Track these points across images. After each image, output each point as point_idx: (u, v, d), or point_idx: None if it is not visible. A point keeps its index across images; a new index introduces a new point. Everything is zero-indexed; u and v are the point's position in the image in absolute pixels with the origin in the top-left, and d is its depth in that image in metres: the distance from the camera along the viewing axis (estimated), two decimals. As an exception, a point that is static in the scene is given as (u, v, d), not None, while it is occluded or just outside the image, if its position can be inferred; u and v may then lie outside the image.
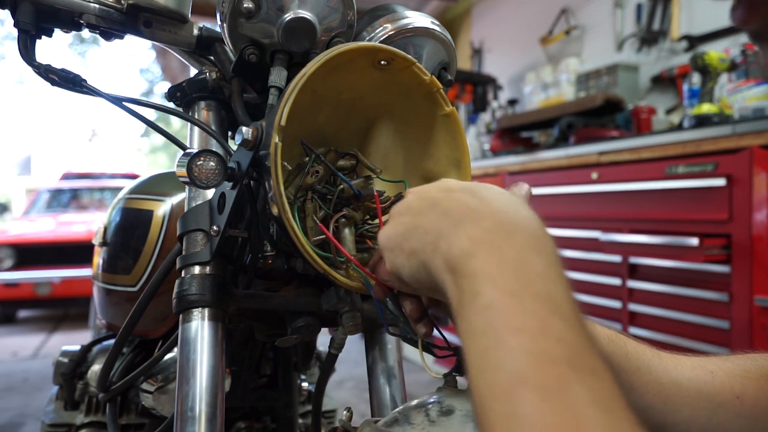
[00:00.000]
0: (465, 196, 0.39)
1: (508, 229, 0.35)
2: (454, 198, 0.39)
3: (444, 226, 0.37)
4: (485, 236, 0.35)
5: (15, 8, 0.59)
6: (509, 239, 0.34)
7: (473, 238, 0.35)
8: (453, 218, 0.37)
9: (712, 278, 1.88)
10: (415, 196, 0.43)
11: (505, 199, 0.39)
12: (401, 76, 0.55)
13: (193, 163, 0.52)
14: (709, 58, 2.04)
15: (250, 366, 0.91)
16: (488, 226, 0.35)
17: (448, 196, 0.40)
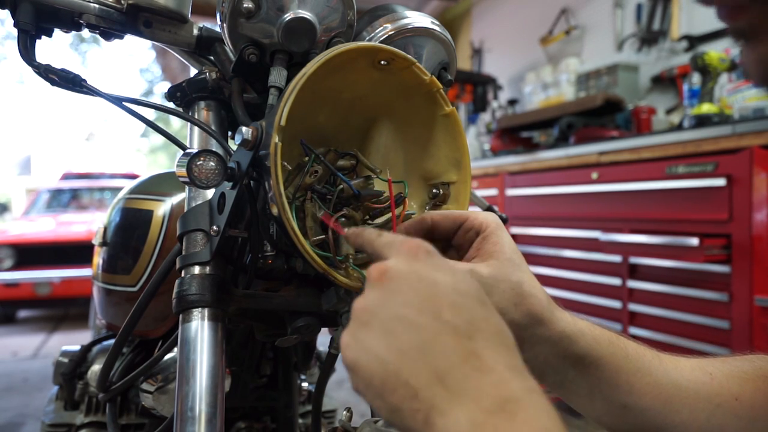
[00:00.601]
0: (458, 340, 0.33)
1: (512, 408, 0.30)
2: (445, 343, 0.33)
3: (438, 397, 0.32)
4: (487, 420, 0.30)
5: (15, 8, 0.59)
6: (513, 421, 0.30)
7: (474, 422, 0.30)
8: (448, 389, 0.32)
9: (712, 278, 1.88)
10: (390, 305, 0.35)
11: (499, 340, 0.34)
12: (401, 76, 0.55)
13: (193, 163, 0.52)
14: (709, 58, 2.04)
15: (250, 366, 0.91)
16: (488, 405, 0.31)
17: (436, 330, 0.33)
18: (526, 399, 0.31)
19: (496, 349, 0.33)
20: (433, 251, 0.38)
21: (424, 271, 0.36)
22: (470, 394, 0.31)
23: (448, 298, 0.34)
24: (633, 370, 0.52)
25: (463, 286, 0.36)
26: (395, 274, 0.36)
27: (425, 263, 0.37)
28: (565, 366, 0.51)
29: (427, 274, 0.36)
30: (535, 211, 2.61)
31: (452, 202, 0.59)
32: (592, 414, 0.55)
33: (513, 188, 2.75)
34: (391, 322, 0.34)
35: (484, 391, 0.31)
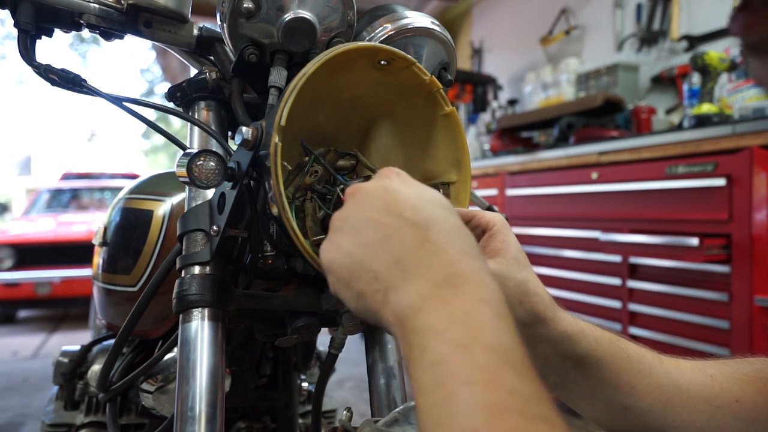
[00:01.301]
0: (415, 231, 0.37)
1: (457, 282, 0.34)
2: (404, 234, 0.37)
3: (395, 277, 0.36)
4: (434, 292, 0.34)
5: (15, 8, 0.59)
6: (457, 291, 0.34)
7: (422, 294, 0.34)
8: (403, 269, 0.36)
9: (712, 278, 1.88)
10: (359, 211, 0.40)
11: (454, 233, 0.38)
12: (401, 76, 0.55)
13: (193, 163, 0.52)
14: (709, 58, 2.04)
15: (250, 366, 0.91)
16: (437, 279, 0.34)
17: (396, 225, 0.38)
18: (471, 275, 0.35)
19: (451, 238, 0.37)
20: (405, 174, 0.43)
21: (392, 185, 0.41)
22: (422, 272, 0.35)
23: (410, 202, 0.39)
24: (634, 371, 0.52)
25: (426, 195, 0.40)
26: (366, 188, 0.41)
27: (394, 180, 0.41)
28: (566, 366, 0.51)
29: (395, 186, 0.40)
30: (535, 211, 2.61)
31: (452, 202, 0.59)
32: (592, 415, 0.55)
33: (513, 188, 2.75)
34: (359, 223, 0.39)
35: (434, 268, 0.35)
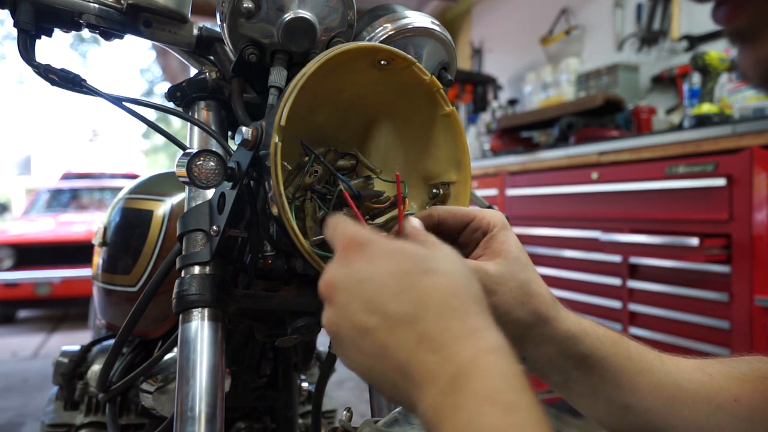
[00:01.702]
0: (408, 330, 0.35)
1: (461, 381, 0.33)
2: (398, 337, 0.35)
3: (410, 389, 0.35)
4: (444, 401, 0.33)
5: (15, 8, 0.59)
6: (464, 393, 0.32)
7: (436, 407, 0.33)
8: (412, 379, 0.35)
9: (712, 278, 1.88)
10: (344, 317, 0.38)
11: (448, 308, 0.36)
12: (401, 76, 0.55)
13: (192, 163, 0.52)
14: (709, 58, 2.04)
15: (250, 366, 0.91)
16: (444, 386, 0.33)
17: (387, 328, 0.36)
18: (473, 367, 0.33)
19: (445, 321, 0.35)
20: (366, 242, 0.39)
21: (361, 270, 0.38)
22: (428, 379, 0.34)
23: (390, 289, 0.36)
24: (636, 370, 0.52)
25: (401, 267, 0.37)
26: (338, 286, 0.38)
27: (360, 261, 0.38)
28: (569, 366, 0.51)
29: (364, 272, 0.37)
30: (535, 211, 2.61)
31: (452, 202, 0.59)
32: (594, 414, 0.55)
33: (513, 188, 2.75)
34: (351, 333, 0.37)
35: (437, 373, 0.33)
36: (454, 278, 0.37)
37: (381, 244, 0.39)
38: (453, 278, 0.37)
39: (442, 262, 0.38)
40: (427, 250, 0.39)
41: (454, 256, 0.39)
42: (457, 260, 0.39)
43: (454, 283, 0.36)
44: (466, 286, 0.37)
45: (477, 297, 0.37)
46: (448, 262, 0.38)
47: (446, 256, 0.39)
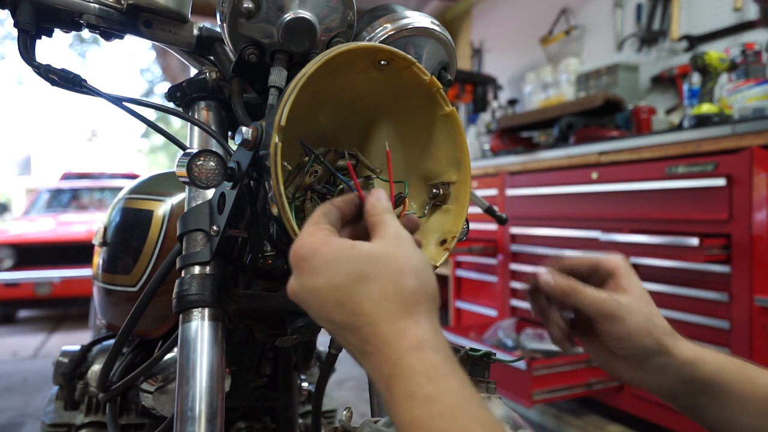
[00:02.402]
0: (353, 335, 0.41)
1: (392, 381, 0.38)
2: (347, 340, 0.42)
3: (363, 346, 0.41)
4: (386, 398, 0.39)
5: (15, 8, 0.59)
6: (394, 390, 0.38)
7: (383, 401, 0.40)
8: (363, 358, 0.41)
9: (712, 278, 1.88)
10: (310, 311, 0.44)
11: (383, 309, 0.40)
12: (401, 76, 0.55)
13: (193, 163, 0.52)
14: (709, 58, 2.04)
15: (250, 366, 0.91)
16: (383, 386, 0.39)
17: (337, 332, 0.42)
18: (399, 367, 0.38)
19: (377, 326, 0.39)
20: (308, 255, 0.43)
21: (306, 284, 0.42)
22: (374, 378, 0.39)
23: (331, 301, 0.41)
24: (762, 397, 0.54)
25: (338, 279, 0.41)
26: (297, 295, 0.44)
27: (305, 275, 0.42)
28: (695, 391, 0.56)
29: (309, 286, 0.42)
30: (535, 211, 2.61)
31: (452, 202, 0.59)
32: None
33: (513, 188, 2.75)
34: (317, 322, 0.44)
35: (377, 375, 0.39)
36: (384, 281, 0.40)
37: (321, 256, 0.42)
38: (384, 281, 0.40)
39: (376, 262, 0.41)
40: (364, 248, 0.42)
41: (392, 249, 0.42)
42: (393, 254, 0.42)
43: (384, 286, 0.40)
44: (397, 285, 0.40)
45: (407, 294, 0.40)
46: (381, 261, 0.41)
47: (382, 251, 0.42)
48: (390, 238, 0.43)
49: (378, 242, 0.43)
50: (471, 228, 0.64)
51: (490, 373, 0.63)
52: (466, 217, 0.59)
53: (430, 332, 0.39)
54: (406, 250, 0.42)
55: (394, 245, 0.42)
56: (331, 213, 0.46)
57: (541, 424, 2.46)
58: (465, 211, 0.58)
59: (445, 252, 0.57)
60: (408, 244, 0.43)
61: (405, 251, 0.42)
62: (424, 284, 0.41)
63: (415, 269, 0.41)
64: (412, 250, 0.43)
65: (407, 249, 0.43)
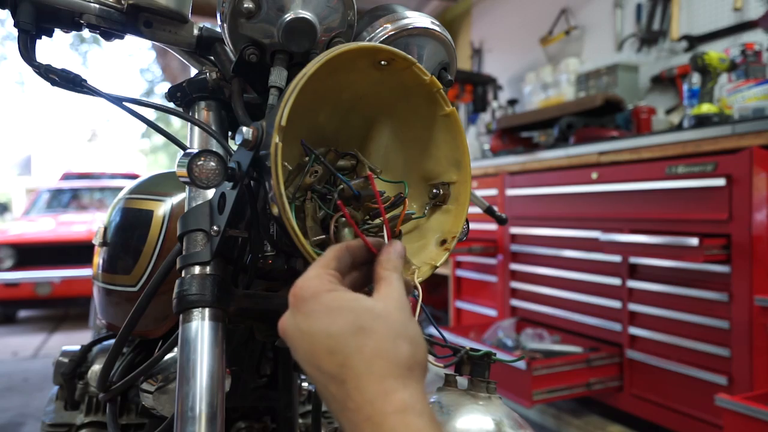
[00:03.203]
0: (337, 388, 0.40)
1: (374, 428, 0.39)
2: (330, 392, 0.41)
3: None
4: None
5: (15, 8, 0.59)
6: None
7: None
8: (343, 423, 0.40)
9: (712, 278, 1.88)
10: (297, 357, 0.43)
11: (369, 372, 0.40)
12: (401, 76, 0.55)
13: (193, 163, 0.52)
14: (709, 58, 2.05)
15: (250, 366, 0.91)
16: None
17: (323, 381, 0.41)
18: (383, 429, 0.37)
19: (365, 383, 0.39)
20: (309, 297, 0.42)
21: (300, 325, 0.42)
22: (348, 428, 0.39)
23: (323, 348, 0.40)
24: None
25: (334, 327, 0.40)
26: (288, 333, 0.43)
27: (304, 314, 0.42)
28: None
29: (303, 327, 0.42)
30: (535, 211, 2.61)
31: (452, 202, 0.59)
32: None
33: (513, 188, 2.75)
34: (303, 365, 0.43)
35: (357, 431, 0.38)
36: (380, 339, 0.40)
37: (323, 301, 0.42)
38: (380, 339, 0.40)
39: (376, 319, 0.41)
40: (366, 303, 0.42)
41: (394, 311, 0.42)
42: (394, 316, 0.42)
43: (379, 345, 0.40)
44: (393, 346, 0.40)
45: (400, 357, 0.40)
46: (381, 319, 0.41)
47: (383, 310, 0.42)
48: (393, 300, 0.43)
49: (381, 300, 0.43)
50: (471, 228, 0.64)
51: (490, 373, 0.63)
52: (466, 217, 0.59)
53: (417, 398, 0.39)
54: (407, 317, 0.43)
55: (396, 308, 0.42)
56: (343, 258, 0.46)
57: (541, 424, 2.46)
58: (465, 211, 0.58)
59: (445, 252, 0.57)
60: (407, 312, 0.43)
61: (405, 317, 0.42)
62: (417, 354, 0.41)
63: (411, 337, 0.41)
64: (411, 319, 0.43)
65: (407, 316, 0.43)
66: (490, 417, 0.58)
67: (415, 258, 0.57)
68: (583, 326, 2.35)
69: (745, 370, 1.75)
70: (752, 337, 1.74)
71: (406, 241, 0.58)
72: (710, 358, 1.88)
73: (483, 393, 0.61)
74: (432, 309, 3.81)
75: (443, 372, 0.64)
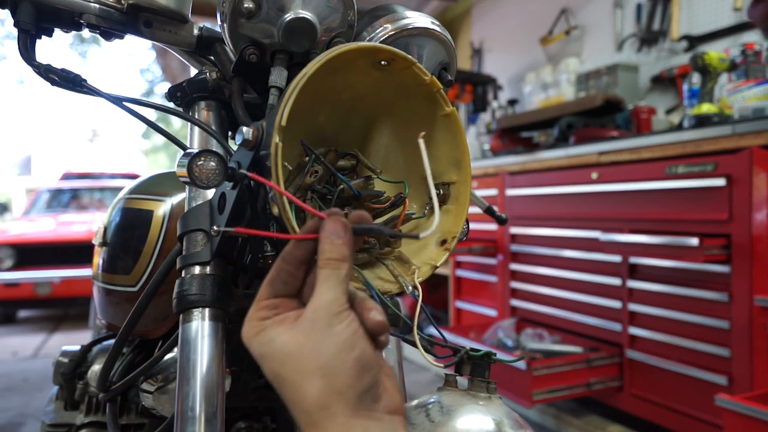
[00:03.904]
0: (305, 418, 0.39)
1: None
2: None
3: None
4: None
5: (15, 8, 0.59)
6: None
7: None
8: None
9: (712, 278, 1.88)
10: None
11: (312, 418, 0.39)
12: (401, 76, 0.55)
13: (193, 163, 0.52)
14: (709, 58, 2.04)
15: (250, 366, 0.91)
16: None
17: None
18: None
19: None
20: (246, 343, 0.42)
21: (275, 341, 0.41)
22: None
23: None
24: None
25: (264, 374, 0.40)
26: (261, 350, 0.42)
27: (256, 348, 0.42)
28: None
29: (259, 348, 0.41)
30: (535, 211, 2.61)
31: (452, 202, 0.59)
32: None
33: (513, 188, 2.75)
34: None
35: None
36: (290, 388, 0.39)
37: (251, 349, 0.41)
38: (289, 388, 0.39)
39: (283, 364, 0.39)
40: (276, 344, 0.40)
41: (305, 341, 0.39)
42: (304, 350, 0.39)
43: (290, 395, 0.39)
44: (300, 393, 0.38)
45: (309, 402, 0.38)
46: (289, 362, 0.39)
47: (293, 347, 0.39)
48: (305, 321, 0.39)
49: (296, 326, 0.40)
50: (471, 228, 0.64)
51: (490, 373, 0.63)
52: (466, 217, 0.59)
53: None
54: (315, 339, 0.38)
55: (305, 333, 0.39)
56: (280, 276, 0.42)
57: (541, 424, 2.46)
58: (465, 212, 0.58)
59: (446, 252, 0.57)
60: (322, 328, 0.39)
61: (314, 341, 0.38)
62: (329, 381, 0.37)
63: (320, 365, 0.38)
64: (324, 335, 0.38)
65: (317, 337, 0.38)
66: (490, 417, 0.58)
67: (415, 258, 0.57)
68: (583, 326, 2.35)
69: (745, 370, 1.75)
70: (752, 337, 1.74)
71: (405, 241, 0.58)
72: (710, 358, 1.88)
73: (483, 393, 0.61)
74: (432, 309, 3.81)
75: (443, 372, 0.64)
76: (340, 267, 0.40)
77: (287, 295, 0.43)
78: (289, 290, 0.43)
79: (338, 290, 0.40)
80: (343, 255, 0.41)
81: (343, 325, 0.39)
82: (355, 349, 0.38)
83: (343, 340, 0.38)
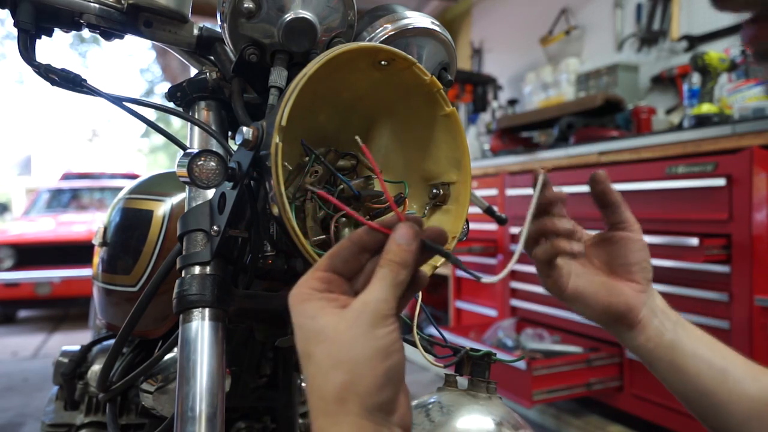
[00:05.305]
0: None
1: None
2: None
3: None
4: None
5: (15, 8, 0.59)
6: None
7: None
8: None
9: (712, 278, 1.88)
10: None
11: (325, 405, 0.39)
12: (401, 76, 0.55)
13: (193, 163, 0.52)
14: (709, 58, 2.05)
15: (250, 366, 0.91)
16: None
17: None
18: None
19: (313, 416, 0.39)
20: (291, 304, 0.41)
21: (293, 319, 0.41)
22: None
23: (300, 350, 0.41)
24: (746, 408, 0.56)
25: (297, 344, 0.40)
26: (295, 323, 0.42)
27: (292, 321, 0.41)
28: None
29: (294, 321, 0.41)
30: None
31: (452, 202, 0.59)
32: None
33: (513, 188, 2.75)
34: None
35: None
36: (316, 370, 0.39)
37: (294, 313, 0.41)
38: (315, 370, 0.39)
39: (319, 344, 0.39)
40: (319, 323, 0.39)
41: (345, 330, 0.39)
42: (341, 337, 0.38)
43: (314, 376, 0.39)
44: (323, 378, 0.38)
45: (329, 391, 0.38)
46: (324, 344, 0.39)
47: (332, 331, 0.39)
48: (352, 312, 0.39)
49: (344, 313, 0.39)
50: (471, 228, 0.64)
51: (490, 373, 0.63)
52: (466, 218, 0.59)
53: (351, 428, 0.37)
54: (355, 334, 0.38)
55: (347, 323, 0.39)
56: (342, 254, 0.42)
57: (541, 424, 2.46)
58: (465, 212, 0.58)
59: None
60: (365, 325, 0.38)
61: (353, 335, 0.38)
62: (354, 381, 0.37)
63: (350, 361, 0.38)
64: (365, 333, 0.38)
65: (357, 332, 0.38)
66: (490, 417, 0.58)
67: (415, 258, 0.57)
68: (583, 326, 2.35)
69: (745, 370, 1.75)
70: (752, 337, 1.74)
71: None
72: (710, 358, 1.88)
73: (483, 393, 0.61)
74: (432, 309, 3.81)
75: (443, 372, 0.64)
76: (399, 272, 0.40)
77: (343, 275, 0.42)
78: (347, 270, 0.42)
79: (390, 292, 0.39)
80: (405, 261, 0.40)
81: (385, 331, 0.39)
82: (388, 359, 0.38)
83: (380, 347, 0.38)
